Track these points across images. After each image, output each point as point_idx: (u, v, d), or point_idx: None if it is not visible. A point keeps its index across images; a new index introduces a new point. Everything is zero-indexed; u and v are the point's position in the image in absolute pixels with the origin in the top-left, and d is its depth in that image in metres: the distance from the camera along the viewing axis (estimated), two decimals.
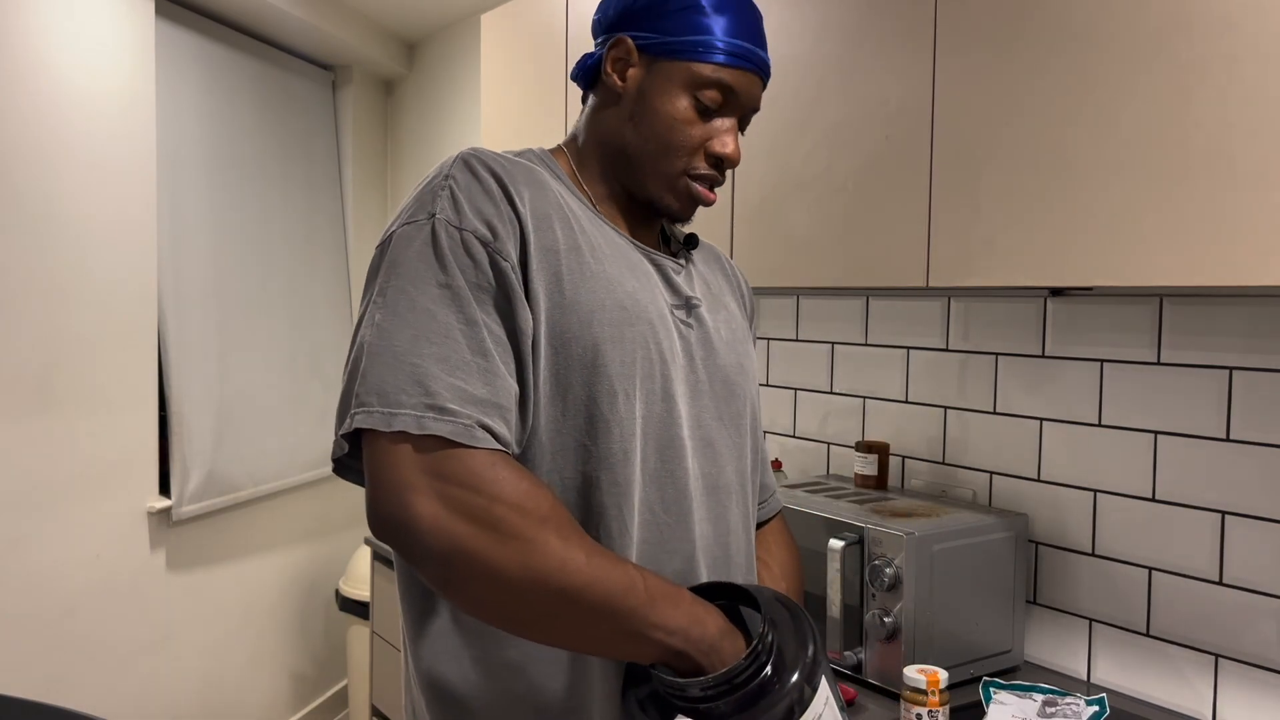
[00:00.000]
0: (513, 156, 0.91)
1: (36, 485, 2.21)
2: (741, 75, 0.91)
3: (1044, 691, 1.42)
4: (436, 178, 0.84)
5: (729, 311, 1.03)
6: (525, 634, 0.77)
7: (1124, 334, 1.52)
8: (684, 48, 0.90)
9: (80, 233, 2.29)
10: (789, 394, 2.11)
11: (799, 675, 0.76)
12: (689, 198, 0.94)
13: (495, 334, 0.79)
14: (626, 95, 0.93)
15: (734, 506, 0.96)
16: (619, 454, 0.84)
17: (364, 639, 2.87)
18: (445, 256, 0.79)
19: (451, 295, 0.78)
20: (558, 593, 0.73)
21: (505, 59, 2.32)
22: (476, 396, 0.76)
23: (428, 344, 0.76)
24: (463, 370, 0.76)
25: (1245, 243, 1.07)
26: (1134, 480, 1.51)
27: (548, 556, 0.73)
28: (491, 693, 0.84)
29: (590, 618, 0.75)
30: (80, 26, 2.28)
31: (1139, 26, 1.16)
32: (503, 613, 0.76)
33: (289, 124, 3.08)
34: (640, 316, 0.87)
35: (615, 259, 0.89)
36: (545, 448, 0.83)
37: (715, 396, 0.95)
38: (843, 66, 1.52)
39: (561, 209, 0.87)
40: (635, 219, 0.98)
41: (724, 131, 0.93)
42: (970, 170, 1.35)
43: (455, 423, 0.74)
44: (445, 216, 0.80)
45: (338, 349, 3.25)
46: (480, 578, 0.73)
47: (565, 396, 0.83)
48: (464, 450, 0.74)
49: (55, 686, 2.26)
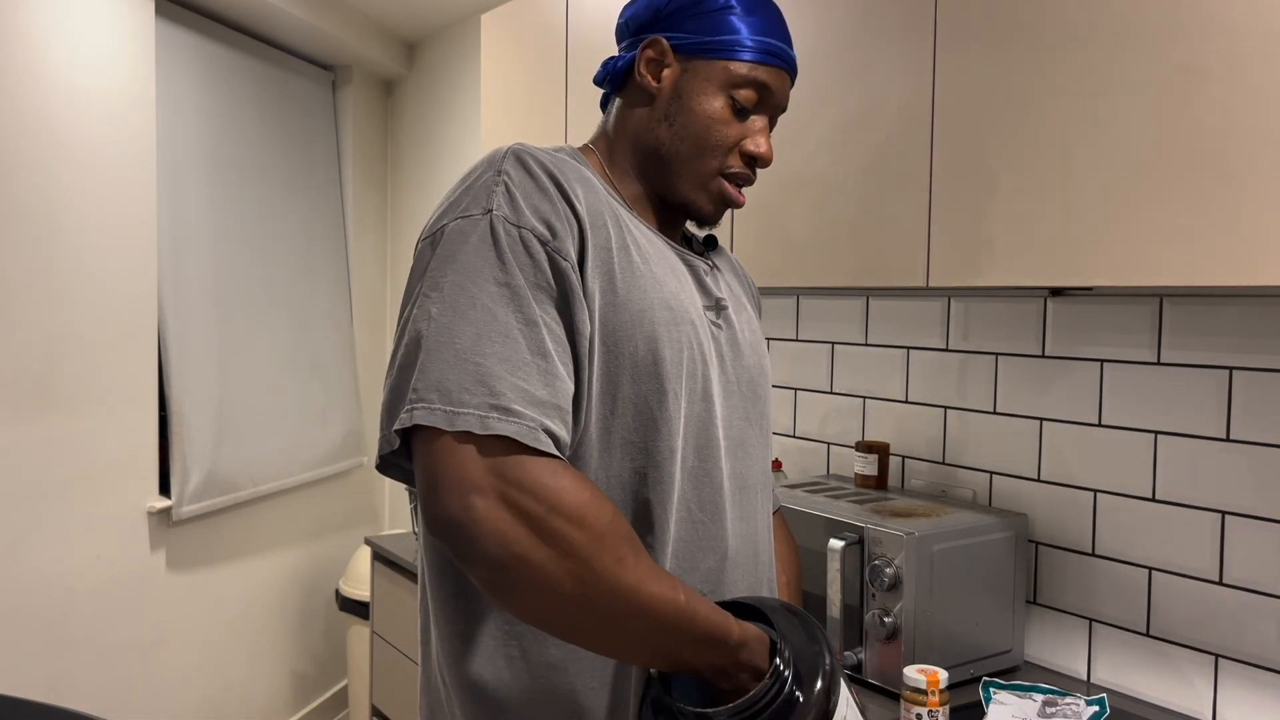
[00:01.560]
0: (555, 152, 0.90)
1: (37, 485, 2.21)
2: (774, 73, 0.92)
3: (1044, 691, 1.42)
4: (487, 173, 0.82)
5: (748, 314, 1.05)
6: (567, 640, 0.77)
7: (1124, 334, 1.52)
8: (719, 47, 0.90)
9: (80, 233, 2.29)
10: (789, 394, 2.11)
11: (820, 685, 0.76)
12: (720, 199, 0.95)
13: (555, 334, 0.78)
14: (661, 96, 0.93)
15: (760, 505, 0.98)
16: (665, 452, 0.84)
17: (364, 639, 2.87)
18: (505, 254, 0.77)
19: (511, 294, 0.77)
20: (605, 614, 0.73)
21: (505, 59, 2.32)
22: (539, 398, 0.75)
23: (489, 343, 0.74)
24: (524, 370, 0.75)
25: (1245, 243, 1.07)
26: (1134, 480, 1.51)
27: (600, 578, 0.72)
28: (531, 692, 0.84)
29: (633, 640, 0.75)
30: (80, 26, 2.28)
31: (1139, 27, 1.16)
32: (547, 622, 0.75)
33: (289, 124, 3.08)
34: (684, 317, 0.88)
35: (658, 259, 0.90)
36: (594, 445, 0.83)
37: (743, 397, 0.97)
38: (843, 66, 1.52)
39: (611, 207, 0.88)
40: (664, 220, 0.98)
41: (757, 131, 0.93)
42: (970, 170, 1.35)
43: (520, 424, 0.72)
44: (503, 213, 0.79)
45: (338, 349, 3.25)
46: (532, 588, 0.72)
47: (615, 395, 0.83)
48: (528, 455, 0.72)
49: (55, 686, 2.26)
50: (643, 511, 0.85)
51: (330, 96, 3.33)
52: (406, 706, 2.35)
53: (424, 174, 3.34)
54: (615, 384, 0.83)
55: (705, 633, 0.75)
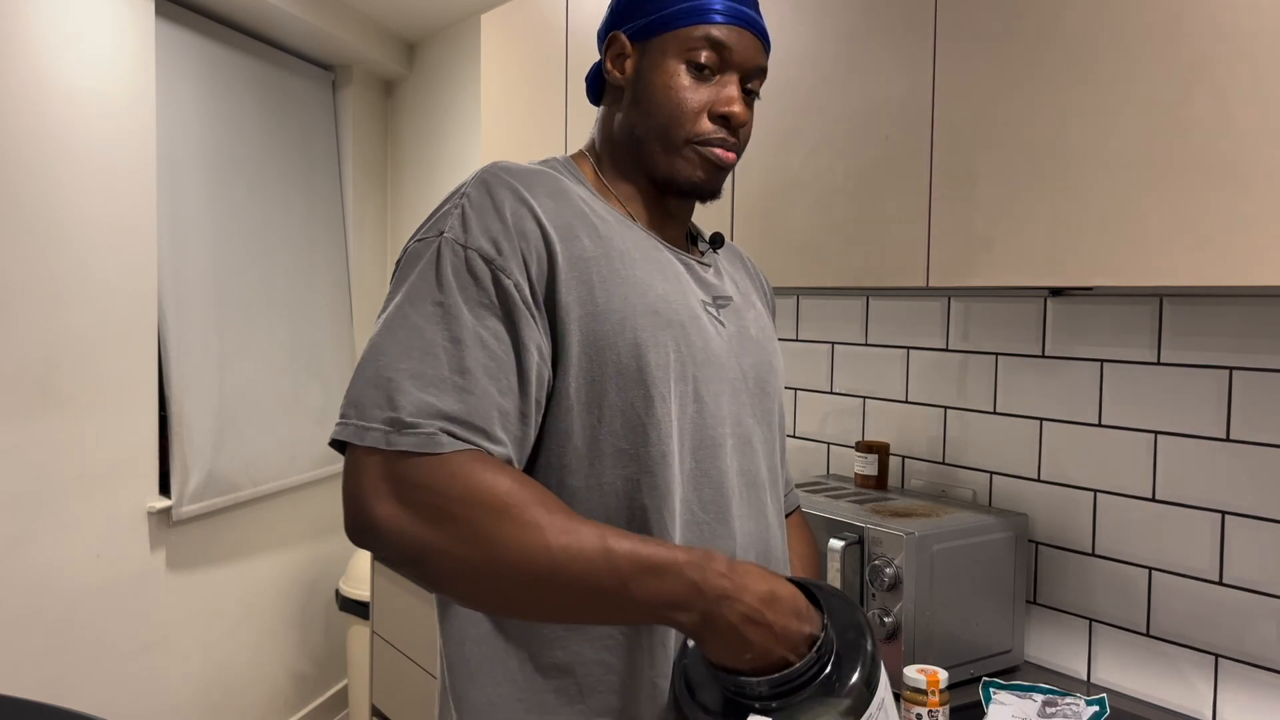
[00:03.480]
0: (535, 166, 0.92)
1: (37, 485, 2.21)
2: (730, 30, 0.92)
3: (1044, 691, 1.42)
4: (454, 195, 0.86)
5: (758, 310, 1.05)
6: (528, 618, 0.79)
7: (1124, 334, 1.52)
8: (669, 19, 0.92)
9: (80, 233, 2.29)
10: (789, 394, 2.11)
11: (863, 664, 0.75)
12: (704, 163, 0.94)
13: (491, 349, 0.79)
14: (628, 85, 0.95)
15: (770, 502, 0.98)
16: (657, 458, 0.85)
17: (364, 639, 2.87)
18: (446, 274, 0.80)
19: (443, 313, 0.79)
20: (528, 578, 0.73)
21: (505, 59, 2.32)
22: (445, 412, 0.76)
23: (408, 359, 0.77)
24: (436, 387, 0.77)
25: (1245, 243, 1.07)
26: (1134, 480, 1.51)
27: (506, 548, 0.73)
28: (543, 692, 0.85)
29: (572, 595, 0.74)
30: (80, 26, 2.28)
31: (1138, 26, 1.16)
32: (481, 601, 0.77)
33: (289, 124, 3.08)
34: (672, 319, 0.88)
35: (644, 263, 0.89)
36: (583, 455, 0.84)
37: (750, 393, 0.96)
38: (843, 66, 1.52)
39: (586, 217, 0.88)
40: (664, 215, 0.98)
41: (724, 89, 0.93)
42: (970, 170, 1.35)
43: (418, 434, 0.74)
44: (453, 235, 0.82)
45: (338, 349, 3.25)
46: (450, 574, 0.74)
47: (601, 403, 0.84)
48: (426, 457, 0.74)
49: (55, 686, 2.26)
50: (640, 517, 0.84)
51: (330, 96, 3.33)
52: (406, 706, 2.35)
53: (424, 174, 3.34)
54: (600, 392, 0.84)
55: (645, 563, 0.73)
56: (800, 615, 0.76)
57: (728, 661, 0.75)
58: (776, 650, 0.74)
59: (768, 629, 0.73)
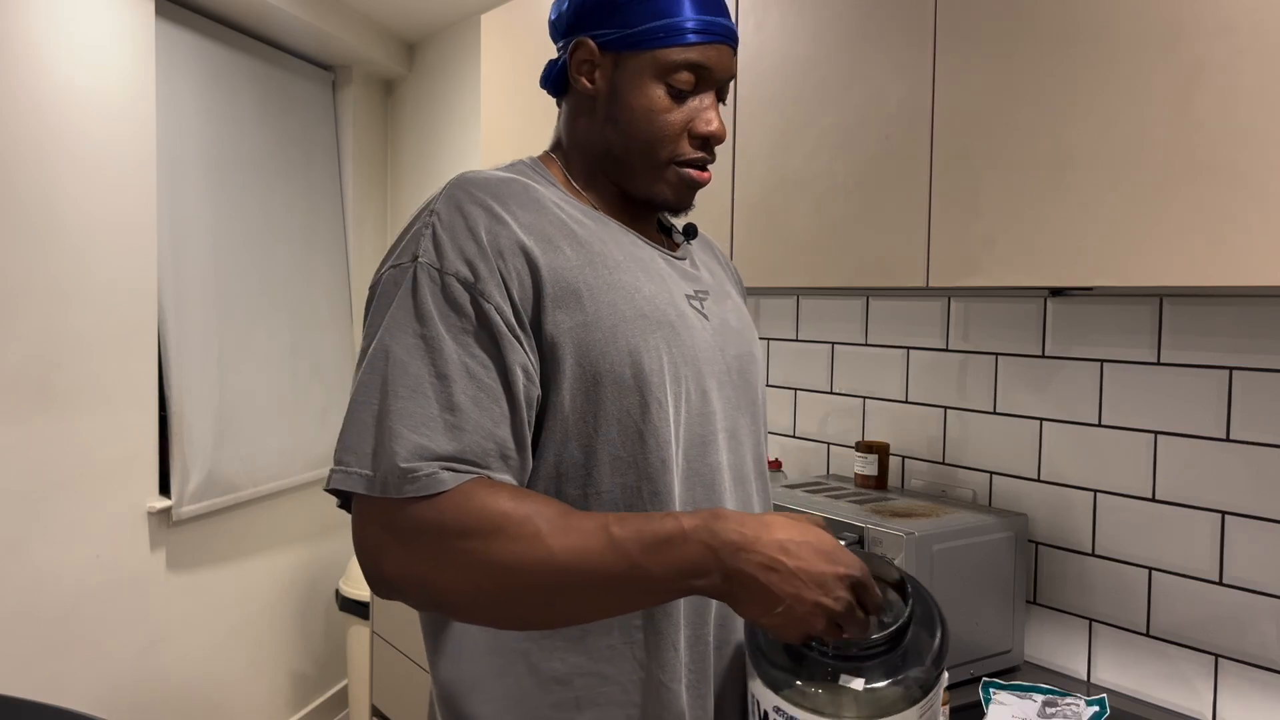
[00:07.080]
0: (503, 174, 0.89)
1: (36, 485, 2.21)
2: (710, 49, 0.90)
3: (1044, 692, 1.42)
4: (422, 213, 0.84)
5: (734, 300, 1.04)
6: (560, 625, 0.79)
7: (1124, 334, 1.52)
8: (647, 36, 0.88)
9: (80, 233, 2.29)
10: (789, 394, 2.11)
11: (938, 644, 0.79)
12: (684, 185, 0.93)
13: (479, 378, 0.78)
14: (599, 98, 0.92)
15: (755, 494, 0.98)
16: (656, 464, 0.84)
17: (364, 639, 2.87)
18: (425, 303, 0.79)
19: (426, 346, 0.78)
20: (544, 590, 0.73)
21: (505, 59, 2.32)
22: (441, 453, 0.75)
23: (396, 399, 0.76)
24: (428, 427, 0.76)
25: (1245, 243, 1.07)
26: (1134, 480, 1.51)
27: (515, 569, 0.73)
28: (544, 705, 0.84)
29: (591, 593, 0.74)
30: (80, 26, 2.28)
31: (1139, 27, 1.16)
32: (512, 620, 0.77)
33: (289, 124, 3.08)
34: (661, 321, 0.87)
35: (628, 263, 0.88)
36: (580, 464, 0.83)
37: (735, 386, 0.96)
38: (843, 67, 1.52)
39: (564, 224, 0.86)
40: (634, 215, 0.97)
41: (704, 110, 0.91)
42: (970, 170, 1.35)
43: (417, 479, 0.74)
44: (428, 259, 0.80)
45: (338, 349, 3.25)
46: (468, 608, 0.75)
47: (598, 413, 0.82)
48: (426, 500, 0.74)
49: (55, 686, 2.26)
50: None
51: (330, 96, 3.33)
52: (406, 706, 2.35)
53: (424, 174, 3.34)
54: (596, 403, 0.82)
55: (650, 540, 0.73)
56: (829, 557, 0.74)
57: (763, 620, 0.74)
58: (807, 595, 0.73)
59: (790, 575, 0.73)
